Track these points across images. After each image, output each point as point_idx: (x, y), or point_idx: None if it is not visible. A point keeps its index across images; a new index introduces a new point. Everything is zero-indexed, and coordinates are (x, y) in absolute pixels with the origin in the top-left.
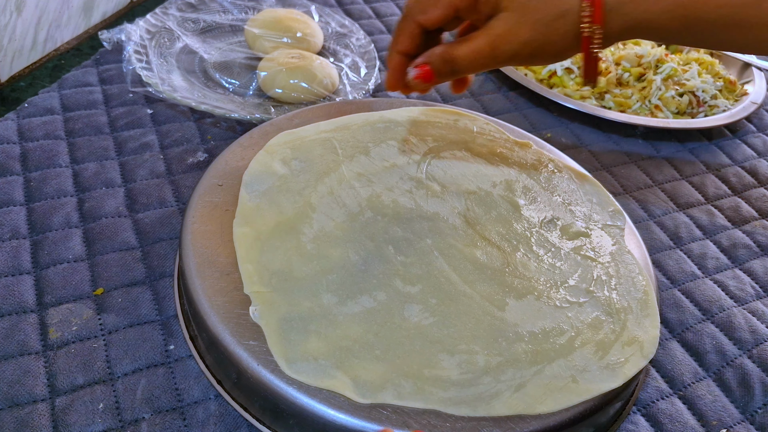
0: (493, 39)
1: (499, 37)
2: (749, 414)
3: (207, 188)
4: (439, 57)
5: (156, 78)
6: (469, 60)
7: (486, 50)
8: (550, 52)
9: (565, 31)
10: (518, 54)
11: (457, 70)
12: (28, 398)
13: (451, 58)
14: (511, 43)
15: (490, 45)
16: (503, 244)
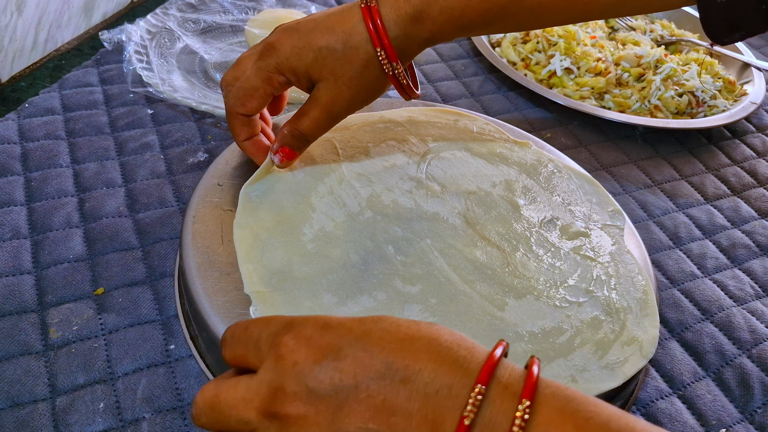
0: (324, 107)
1: (329, 104)
2: (748, 413)
3: (207, 188)
4: (289, 136)
5: (156, 78)
6: (313, 129)
7: (323, 117)
8: (374, 92)
9: (375, 75)
10: (351, 108)
11: (309, 138)
12: (28, 398)
13: (299, 134)
14: (341, 104)
15: (325, 113)
16: (503, 244)
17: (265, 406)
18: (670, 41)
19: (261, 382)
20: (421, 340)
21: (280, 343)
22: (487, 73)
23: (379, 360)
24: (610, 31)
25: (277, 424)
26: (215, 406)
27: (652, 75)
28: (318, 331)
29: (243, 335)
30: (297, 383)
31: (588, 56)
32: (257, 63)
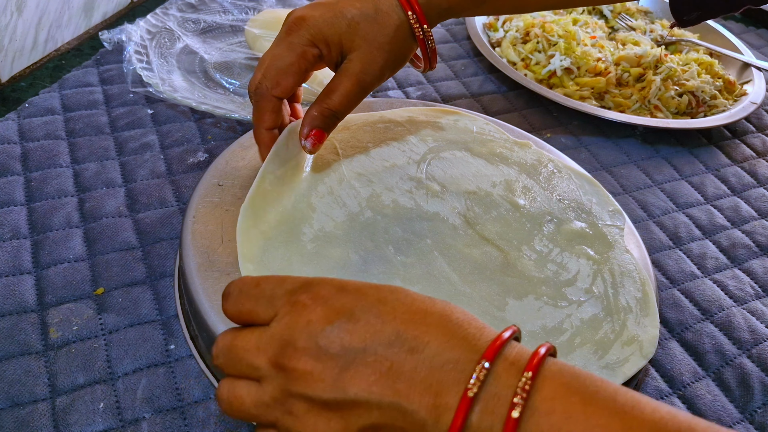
0: (357, 77)
1: (361, 73)
2: (748, 413)
3: (207, 188)
4: (320, 116)
5: (156, 78)
6: (345, 104)
7: (355, 89)
8: (402, 59)
9: (405, 40)
10: (382, 76)
11: (339, 116)
12: (28, 398)
13: (330, 112)
14: (373, 72)
15: (357, 84)
16: (503, 244)
17: (274, 358)
18: (670, 41)
19: (274, 335)
20: (433, 314)
21: (297, 301)
22: (487, 73)
23: (390, 328)
24: (610, 31)
25: (283, 375)
26: (231, 349)
27: (652, 75)
28: (334, 293)
29: (253, 291)
30: (308, 340)
31: (588, 56)
32: (287, 39)
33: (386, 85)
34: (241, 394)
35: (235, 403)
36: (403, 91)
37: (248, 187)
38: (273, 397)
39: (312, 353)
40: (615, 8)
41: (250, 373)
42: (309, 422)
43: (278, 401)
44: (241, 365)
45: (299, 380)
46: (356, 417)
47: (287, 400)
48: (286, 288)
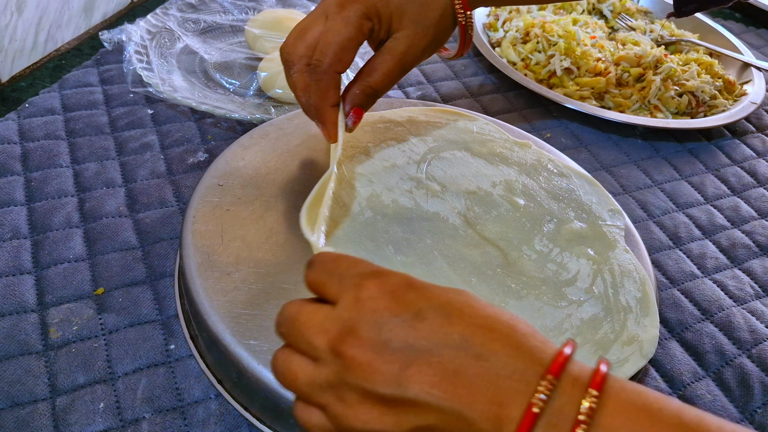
0: (400, 57)
1: (404, 54)
2: (749, 413)
3: (207, 188)
4: (362, 94)
5: (156, 78)
6: (386, 83)
7: (397, 68)
8: (440, 43)
9: (446, 24)
10: (421, 57)
11: (379, 94)
12: (28, 398)
13: (372, 90)
14: (415, 53)
15: (399, 63)
16: (503, 244)
17: (334, 342)
18: (669, 41)
19: (338, 318)
20: (501, 323)
21: (364, 286)
22: (487, 73)
23: (457, 331)
24: (610, 31)
25: (339, 363)
26: (294, 321)
27: (652, 75)
28: (403, 287)
29: (330, 265)
30: (371, 329)
31: (588, 56)
32: (342, 13)
33: None
34: (295, 369)
35: (288, 377)
36: (403, 91)
37: (248, 186)
38: (327, 381)
39: (373, 345)
40: (615, 8)
41: (308, 351)
42: (360, 414)
43: (332, 386)
44: (301, 341)
45: (356, 370)
46: (411, 416)
47: (341, 387)
48: (357, 270)
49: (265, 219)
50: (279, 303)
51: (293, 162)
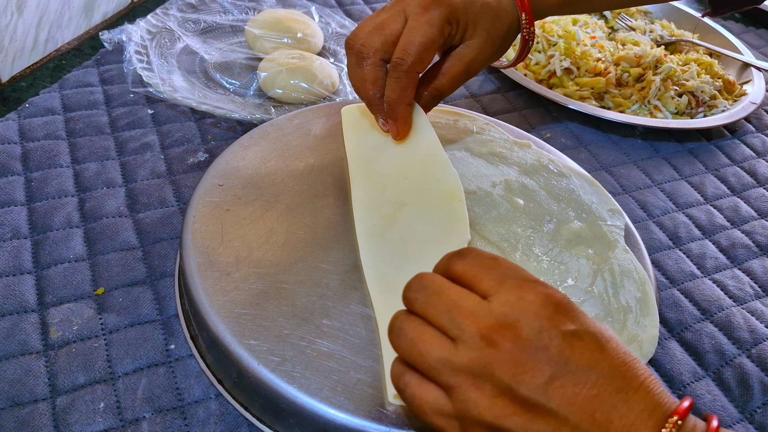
0: (467, 64)
1: (472, 61)
2: (748, 413)
3: (207, 188)
4: (429, 96)
5: (157, 78)
6: (450, 87)
7: (463, 75)
8: (502, 53)
9: (511, 36)
10: (484, 65)
11: (442, 97)
12: (29, 397)
13: (438, 93)
14: (481, 61)
15: (465, 70)
16: (503, 244)
17: (487, 331)
18: (669, 41)
19: (492, 310)
20: (640, 365)
21: (529, 290)
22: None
23: (606, 361)
24: (609, 32)
25: (488, 351)
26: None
27: (652, 75)
28: (566, 303)
29: (489, 261)
30: (531, 330)
31: (588, 56)
32: (425, 15)
33: None
34: (429, 342)
35: (419, 347)
36: None
37: (248, 186)
38: (466, 364)
39: (530, 346)
40: None
41: (447, 328)
42: (494, 406)
43: (470, 371)
44: (444, 317)
45: (506, 364)
46: (542, 424)
47: (481, 375)
48: (521, 274)
49: (265, 219)
50: (279, 303)
51: (293, 162)
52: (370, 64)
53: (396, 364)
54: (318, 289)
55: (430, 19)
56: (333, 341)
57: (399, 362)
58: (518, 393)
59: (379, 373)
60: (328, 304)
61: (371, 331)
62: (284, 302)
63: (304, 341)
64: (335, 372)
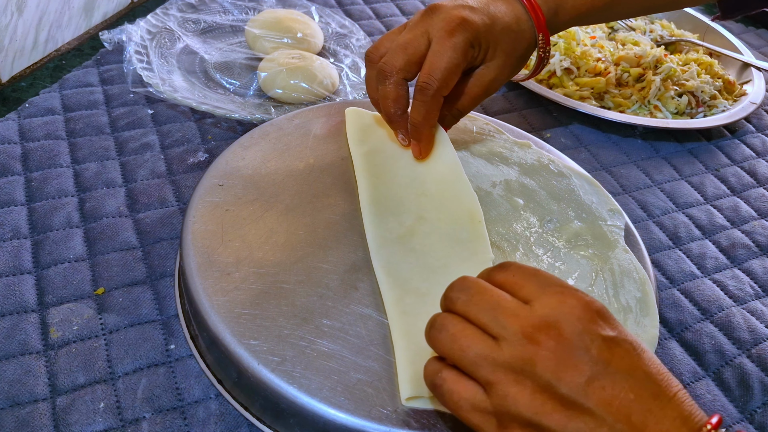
0: (487, 85)
1: (492, 81)
2: (748, 413)
3: (208, 188)
4: (450, 116)
5: (157, 78)
6: (470, 107)
7: (483, 94)
8: (518, 70)
9: (528, 55)
10: (502, 84)
11: (461, 116)
12: (28, 397)
13: (458, 113)
14: (500, 82)
15: (485, 90)
16: (503, 244)
17: (529, 329)
18: (669, 41)
19: (534, 312)
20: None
21: (571, 295)
22: None
23: (642, 368)
24: (609, 31)
25: (530, 349)
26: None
27: (652, 75)
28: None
29: (531, 271)
30: (573, 331)
31: (588, 56)
32: (450, 40)
33: None
34: (472, 337)
35: (460, 343)
36: None
37: (248, 186)
38: (507, 361)
39: (572, 346)
40: None
41: (489, 326)
42: (533, 402)
43: (512, 367)
44: (485, 314)
45: (548, 362)
46: (580, 423)
47: (522, 372)
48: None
49: (265, 219)
50: (279, 303)
51: (293, 162)
52: (393, 83)
53: (432, 361)
54: (318, 289)
55: (454, 44)
56: (333, 341)
57: (435, 360)
58: (558, 391)
59: (380, 374)
60: (328, 304)
61: (371, 331)
62: (284, 302)
63: (304, 341)
64: (335, 372)
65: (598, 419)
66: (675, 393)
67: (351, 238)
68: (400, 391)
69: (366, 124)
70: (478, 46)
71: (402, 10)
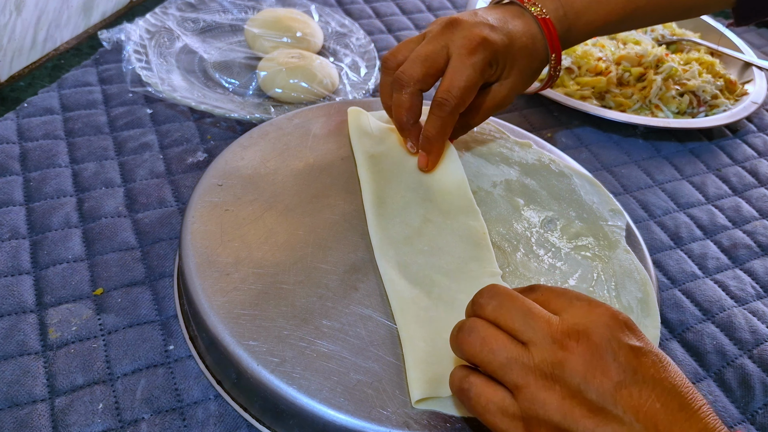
0: (499, 101)
1: (505, 98)
2: (750, 414)
3: (207, 188)
4: (461, 129)
5: (156, 78)
6: (480, 121)
7: (493, 110)
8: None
9: (540, 71)
10: (513, 99)
11: (470, 128)
12: (27, 398)
13: (468, 126)
14: (512, 98)
15: (496, 106)
16: (503, 244)
17: (560, 335)
18: (670, 41)
19: (566, 320)
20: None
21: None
22: None
23: (668, 379)
24: None
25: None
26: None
27: (653, 74)
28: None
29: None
30: (602, 338)
31: (589, 56)
32: (470, 59)
33: None
34: (502, 340)
35: (491, 344)
36: None
37: (248, 186)
38: (537, 365)
39: (601, 352)
40: None
41: (520, 331)
42: (563, 407)
43: (541, 372)
44: (516, 319)
45: (578, 367)
46: (609, 428)
47: (551, 376)
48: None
49: (265, 219)
50: (278, 303)
51: (293, 162)
52: (409, 93)
53: (459, 368)
54: (318, 289)
55: (474, 63)
56: (333, 342)
57: (462, 366)
58: (587, 396)
59: (380, 375)
60: (328, 304)
61: (371, 332)
62: (284, 303)
63: (304, 342)
64: (335, 373)
65: (625, 426)
66: (701, 406)
67: (351, 238)
68: (410, 392)
69: (369, 125)
70: (496, 65)
71: (402, 9)
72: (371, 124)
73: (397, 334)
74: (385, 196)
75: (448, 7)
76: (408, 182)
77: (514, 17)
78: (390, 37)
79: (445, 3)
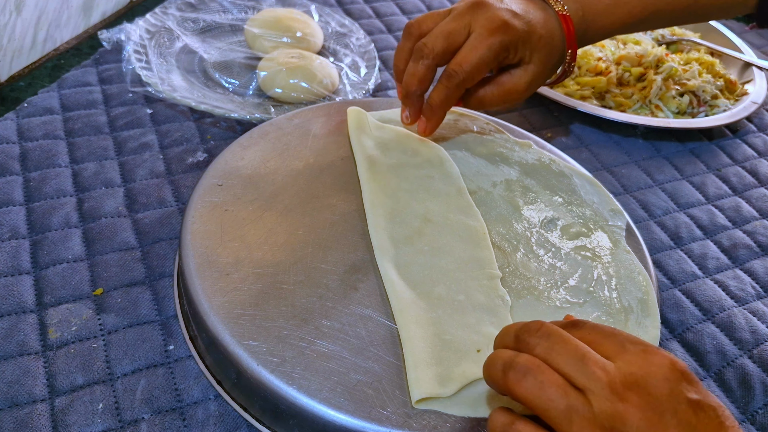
0: (520, 86)
1: (525, 85)
2: (750, 414)
3: (207, 188)
4: (475, 100)
5: (156, 78)
6: (495, 103)
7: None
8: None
9: (557, 67)
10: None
11: (482, 107)
12: (27, 398)
13: (481, 103)
14: (532, 86)
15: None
16: (503, 244)
17: (617, 385)
18: (671, 41)
19: (621, 368)
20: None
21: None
22: None
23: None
24: None
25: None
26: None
27: (653, 74)
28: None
29: (607, 330)
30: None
31: (589, 56)
32: (488, 40)
33: (386, 84)
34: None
35: (550, 391)
36: None
37: (248, 186)
38: (597, 416)
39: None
40: None
41: (574, 377)
42: None
43: (601, 425)
44: (572, 364)
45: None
46: None
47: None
48: (640, 341)
49: (265, 219)
50: (278, 303)
51: (293, 162)
52: (425, 65)
53: (501, 411)
54: (318, 289)
55: (491, 44)
56: (333, 342)
57: (503, 411)
58: None
59: (380, 375)
60: (328, 304)
61: (371, 332)
62: (284, 303)
63: (304, 342)
64: (335, 373)
65: None
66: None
67: (351, 238)
68: (410, 392)
69: (369, 125)
70: (514, 51)
71: (402, 9)
72: (371, 124)
73: (397, 334)
74: (384, 196)
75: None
76: (408, 182)
77: (537, 9)
78: (390, 37)
79: (445, 3)
